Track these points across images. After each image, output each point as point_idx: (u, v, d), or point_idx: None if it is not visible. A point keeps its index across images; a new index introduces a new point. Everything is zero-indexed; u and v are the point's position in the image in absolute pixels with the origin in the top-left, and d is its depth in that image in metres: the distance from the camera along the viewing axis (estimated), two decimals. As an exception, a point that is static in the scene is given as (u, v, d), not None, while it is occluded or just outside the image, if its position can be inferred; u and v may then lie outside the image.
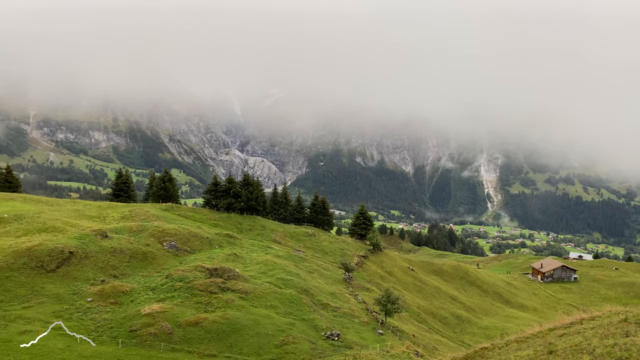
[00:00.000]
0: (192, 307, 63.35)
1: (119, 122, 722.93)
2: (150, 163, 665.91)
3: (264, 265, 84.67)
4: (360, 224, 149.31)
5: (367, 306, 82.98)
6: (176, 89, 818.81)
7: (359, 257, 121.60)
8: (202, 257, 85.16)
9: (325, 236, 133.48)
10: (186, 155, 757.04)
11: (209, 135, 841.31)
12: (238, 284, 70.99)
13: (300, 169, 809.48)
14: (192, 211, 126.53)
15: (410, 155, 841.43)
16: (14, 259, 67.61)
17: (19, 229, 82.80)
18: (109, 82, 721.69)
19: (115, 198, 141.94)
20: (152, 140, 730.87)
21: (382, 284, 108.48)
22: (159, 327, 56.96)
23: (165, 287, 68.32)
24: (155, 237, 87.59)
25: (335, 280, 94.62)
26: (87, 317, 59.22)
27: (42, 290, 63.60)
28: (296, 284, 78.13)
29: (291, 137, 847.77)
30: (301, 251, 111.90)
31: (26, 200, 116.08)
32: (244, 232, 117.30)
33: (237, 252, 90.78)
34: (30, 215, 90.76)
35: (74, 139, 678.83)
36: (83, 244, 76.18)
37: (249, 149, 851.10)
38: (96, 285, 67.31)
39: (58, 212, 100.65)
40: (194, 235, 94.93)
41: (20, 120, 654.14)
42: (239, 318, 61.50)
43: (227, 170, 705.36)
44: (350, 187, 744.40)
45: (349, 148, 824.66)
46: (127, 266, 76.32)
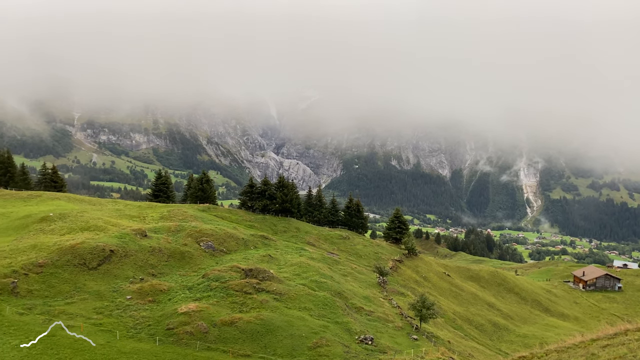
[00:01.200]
0: (228, 307, 64.17)
1: (159, 124, 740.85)
2: (188, 165, 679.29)
3: (298, 267, 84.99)
4: (395, 228, 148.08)
5: (401, 311, 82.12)
6: (214, 92, 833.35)
7: (394, 261, 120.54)
8: (237, 257, 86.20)
9: (360, 239, 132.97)
10: (223, 157, 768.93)
11: (246, 138, 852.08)
12: (272, 285, 71.50)
13: (334, 172, 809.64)
14: (229, 212, 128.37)
15: (447, 158, 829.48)
16: (58, 256, 70.15)
17: (63, 227, 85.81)
18: (150, 85, 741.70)
19: (154, 198, 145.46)
20: (191, 142, 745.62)
21: (417, 289, 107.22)
22: (195, 326, 57.93)
23: (202, 286, 69.46)
24: (193, 237, 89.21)
25: (369, 284, 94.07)
26: (126, 314, 60.79)
27: (84, 287, 65.72)
28: (330, 286, 78.08)
29: (326, 139, 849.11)
30: (335, 254, 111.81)
31: (70, 200, 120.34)
32: (279, 234, 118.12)
33: (272, 254, 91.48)
34: (74, 214, 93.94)
35: (116, 141, 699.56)
36: (123, 242, 78.34)
37: (284, 152, 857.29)
38: (135, 284, 69.06)
39: (100, 212, 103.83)
40: (230, 236, 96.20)
41: (65, 122, 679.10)
42: (273, 319, 61.90)
43: (262, 173, 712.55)
44: (385, 191, 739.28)
45: (384, 151, 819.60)
46: (165, 265, 78.00)
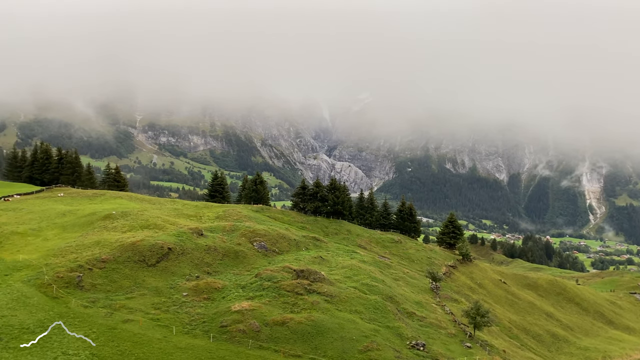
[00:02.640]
0: (279, 306, 64.94)
1: (215, 127, 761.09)
2: (243, 166, 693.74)
3: (349, 269, 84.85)
4: (449, 233, 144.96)
5: (454, 317, 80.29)
6: (269, 95, 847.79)
7: (447, 266, 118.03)
8: (289, 258, 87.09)
9: (412, 244, 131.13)
10: (276, 159, 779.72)
11: (298, 140, 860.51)
12: (323, 286, 71.72)
13: (387, 175, 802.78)
14: (281, 213, 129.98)
15: (504, 162, 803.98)
16: (119, 252, 73.41)
17: (124, 225, 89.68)
18: (208, 88, 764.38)
19: (210, 198, 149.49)
20: (246, 144, 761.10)
21: (471, 296, 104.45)
22: (248, 324, 59.00)
23: (255, 285, 70.65)
24: (247, 237, 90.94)
25: (422, 289, 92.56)
26: (182, 310, 62.74)
27: (143, 283, 68.40)
28: (381, 290, 77.45)
29: (379, 142, 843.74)
30: (387, 258, 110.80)
31: (132, 199, 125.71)
32: (330, 236, 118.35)
33: (323, 255, 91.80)
34: (134, 213, 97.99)
35: (175, 142, 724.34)
36: (181, 241, 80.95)
37: (337, 154, 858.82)
38: (191, 281, 71.18)
39: (159, 211, 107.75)
40: (282, 236, 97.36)
41: (128, 124, 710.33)
42: (324, 321, 62.06)
43: (314, 175, 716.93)
44: (439, 194, 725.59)
45: (438, 154, 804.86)
46: (220, 264, 79.94)
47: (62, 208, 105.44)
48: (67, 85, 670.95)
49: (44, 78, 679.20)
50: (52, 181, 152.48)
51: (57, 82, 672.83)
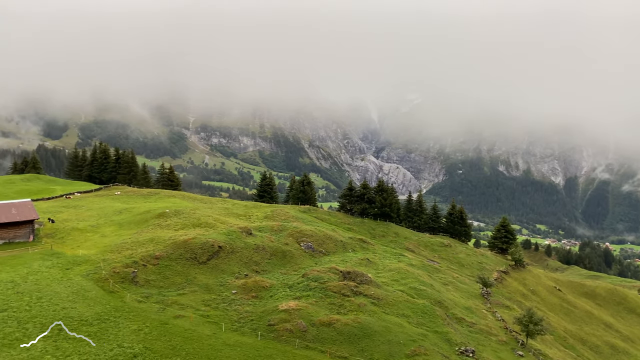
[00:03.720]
0: (326, 307, 65.00)
1: (265, 128, 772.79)
2: (290, 167, 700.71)
3: (396, 272, 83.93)
4: (501, 237, 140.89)
5: (506, 324, 77.86)
6: (317, 97, 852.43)
7: (499, 272, 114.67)
8: (336, 259, 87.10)
9: (462, 248, 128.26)
10: (324, 160, 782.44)
11: (346, 141, 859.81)
12: (370, 289, 71.25)
13: (436, 177, 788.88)
14: (328, 214, 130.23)
15: (560, 165, 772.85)
16: (172, 249, 75.67)
17: (177, 223, 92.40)
18: (258, 90, 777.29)
19: (259, 198, 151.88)
20: (294, 145, 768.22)
21: (524, 303, 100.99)
22: (295, 324, 59.38)
23: (301, 285, 71.06)
24: (294, 237, 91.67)
25: (472, 295, 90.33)
26: (231, 308, 63.89)
27: (194, 280, 70.20)
28: (429, 294, 76.15)
29: (428, 143, 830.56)
30: (435, 262, 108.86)
31: (184, 198, 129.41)
32: (377, 238, 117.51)
33: (370, 258, 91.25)
34: (187, 211, 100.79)
35: (226, 143, 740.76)
36: (230, 239, 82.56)
37: (384, 155, 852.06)
38: (240, 279, 72.43)
39: (210, 210, 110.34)
40: (329, 237, 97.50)
41: (181, 126, 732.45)
42: (371, 323, 61.63)
43: (361, 176, 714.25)
44: (491, 198, 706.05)
45: (491, 156, 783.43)
46: (268, 263, 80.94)
47: (119, 206, 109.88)
48: (124, 88, 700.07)
49: (103, 81, 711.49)
50: (109, 180, 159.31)
51: (115, 85, 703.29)
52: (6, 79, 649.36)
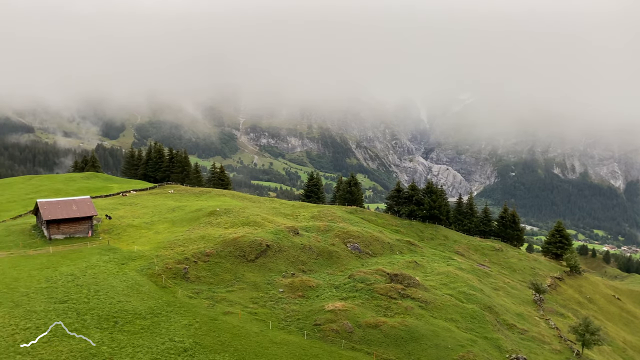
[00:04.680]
0: (372, 309, 64.65)
1: (312, 128, 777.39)
2: (337, 168, 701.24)
3: (445, 276, 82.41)
4: (555, 243, 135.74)
5: (560, 333, 74.95)
6: (365, 97, 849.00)
7: (553, 278, 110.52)
8: (382, 261, 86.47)
9: (514, 252, 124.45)
10: (371, 161, 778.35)
11: (394, 142, 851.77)
12: (418, 292, 70.29)
13: (488, 179, 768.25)
14: (375, 215, 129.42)
15: (621, 167, 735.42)
16: (222, 247, 77.38)
17: (227, 221, 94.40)
18: (307, 90, 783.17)
19: (306, 199, 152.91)
20: (341, 146, 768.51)
21: (580, 311, 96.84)
22: (341, 324, 59.39)
23: (348, 286, 70.99)
24: (340, 238, 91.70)
25: (523, 301, 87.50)
26: (278, 306, 64.64)
27: (243, 277, 71.51)
28: (479, 299, 74.32)
29: (479, 144, 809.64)
30: (486, 266, 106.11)
31: (234, 197, 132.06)
32: (425, 241, 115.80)
33: (418, 260, 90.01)
34: (236, 210, 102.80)
35: (274, 144, 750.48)
36: (278, 238, 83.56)
37: (434, 157, 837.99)
38: (287, 278, 73.17)
39: (258, 209, 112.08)
40: (376, 239, 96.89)
41: (232, 126, 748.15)
42: (418, 327, 60.80)
43: (410, 177, 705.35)
44: (545, 201, 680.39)
45: (545, 158, 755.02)
46: (314, 263, 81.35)
47: (172, 204, 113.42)
48: (178, 89, 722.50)
49: (157, 82, 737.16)
50: (163, 179, 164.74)
51: (169, 86, 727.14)
52: (69, 81, 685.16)
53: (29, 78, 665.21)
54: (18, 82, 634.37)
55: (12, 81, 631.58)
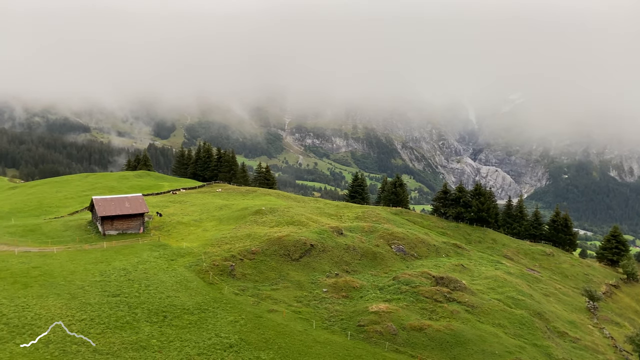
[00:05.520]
0: (417, 312, 63.87)
1: (357, 129, 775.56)
2: (382, 168, 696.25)
3: (493, 280, 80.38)
4: (611, 248, 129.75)
5: (615, 343, 71.64)
6: (411, 97, 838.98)
7: (608, 285, 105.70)
8: (428, 264, 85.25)
9: (566, 257, 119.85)
10: (417, 161, 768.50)
11: (441, 143, 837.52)
12: (464, 296, 68.88)
13: (539, 181, 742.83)
14: (420, 217, 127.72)
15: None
16: (267, 245, 78.40)
17: (272, 220, 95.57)
18: (352, 91, 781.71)
19: (350, 199, 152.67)
20: (386, 146, 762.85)
21: (637, 320, 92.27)
22: (385, 326, 58.98)
23: (392, 288, 70.41)
24: (385, 239, 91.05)
25: (576, 308, 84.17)
26: (322, 306, 64.88)
27: (287, 276, 72.21)
28: (528, 305, 72.07)
29: (530, 145, 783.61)
30: (536, 271, 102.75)
31: (279, 196, 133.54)
32: (473, 244, 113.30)
33: (465, 264, 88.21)
34: (281, 209, 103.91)
35: (319, 144, 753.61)
36: (322, 238, 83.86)
37: (482, 158, 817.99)
38: (331, 278, 73.32)
39: (303, 209, 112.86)
40: (421, 241, 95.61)
41: (277, 127, 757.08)
42: (464, 331, 59.58)
43: (457, 179, 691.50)
44: (600, 205, 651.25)
45: (601, 160, 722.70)
46: (358, 263, 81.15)
47: (219, 202, 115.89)
48: (226, 90, 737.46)
49: (206, 83, 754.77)
50: (211, 177, 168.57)
51: (217, 87, 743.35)
52: (123, 81, 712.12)
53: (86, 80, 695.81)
54: (76, 84, 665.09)
55: (70, 83, 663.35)
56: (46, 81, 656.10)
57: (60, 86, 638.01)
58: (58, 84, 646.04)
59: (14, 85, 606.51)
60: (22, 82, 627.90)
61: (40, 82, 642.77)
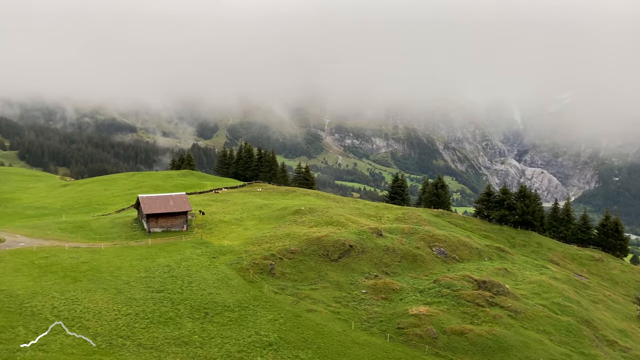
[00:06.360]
0: (458, 316, 62.68)
1: (398, 129, 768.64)
2: (423, 169, 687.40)
3: (537, 285, 77.96)
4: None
5: (670, 355, 68.04)
6: (454, 97, 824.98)
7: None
8: (470, 267, 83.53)
9: (617, 263, 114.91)
10: (459, 162, 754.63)
11: (484, 144, 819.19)
12: (507, 300, 67.10)
13: (587, 184, 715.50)
14: (463, 219, 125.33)
15: None
16: (306, 245, 78.73)
17: (311, 220, 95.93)
18: (392, 91, 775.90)
19: (390, 200, 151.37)
20: (427, 147, 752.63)
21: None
22: (425, 329, 58.16)
23: (433, 291, 69.36)
24: (425, 241, 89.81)
25: (627, 316, 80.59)
26: (361, 307, 64.60)
27: (326, 276, 72.29)
28: (575, 312, 69.48)
29: (578, 147, 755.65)
30: (584, 277, 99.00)
31: (318, 196, 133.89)
32: (517, 248, 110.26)
33: (508, 268, 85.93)
34: (320, 209, 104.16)
35: (359, 145, 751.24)
36: (361, 239, 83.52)
37: (527, 159, 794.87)
38: (370, 279, 72.90)
39: (342, 209, 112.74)
40: (463, 244, 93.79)
41: (317, 127, 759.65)
42: (507, 337, 58.04)
43: (501, 181, 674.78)
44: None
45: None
46: (398, 265, 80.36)
47: (260, 202, 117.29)
48: (267, 91, 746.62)
49: (248, 85, 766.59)
50: (252, 177, 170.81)
51: (258, 88, 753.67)
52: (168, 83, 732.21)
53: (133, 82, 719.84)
54: (123, 86, 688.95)
55: (118, 85, 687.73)
56: (95, 83, 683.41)
57: (108, 88, 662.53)
58: (106, 86, 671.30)
59: (66, 87, 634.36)
60: (73, 84, 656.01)
61: (89, 84, 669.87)
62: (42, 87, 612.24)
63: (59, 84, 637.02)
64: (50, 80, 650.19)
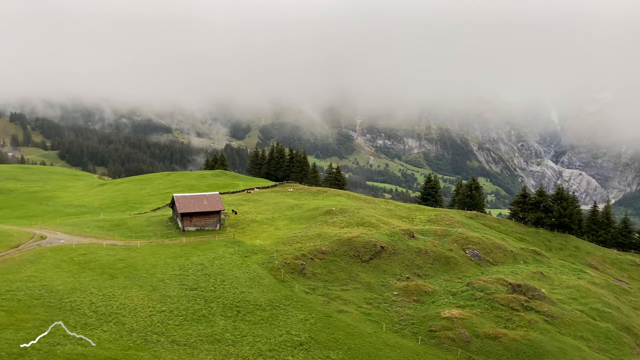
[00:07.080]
0: (492, 319, 61.51)
1: (431, 129, 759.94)
2: (457, 170, 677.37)
3: (575, 290, 75.77)
4: None
5: None
6: (489, 97, 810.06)
7: None
8: (504, 270, 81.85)
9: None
10: (494, 164, 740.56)
11: (520, 144, 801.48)
12: (543, 305, 65.45)
13: (628, 186, 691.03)
14: (497, 222, 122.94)
15: None
16: (337, 246, 78.70)
17: (342, 221, 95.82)
18: (425, 91, 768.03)
19: (423, 201, 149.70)
20: (461, 147, 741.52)
21: None
22: (457, 333, 57.30)
23: (466, 294, 68.30)
24: (459, 244, 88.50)
25: (671, 325, 77.33)
26: (392, 309, 64.13)
27: (357, 277, 72.08)
28: (615, 318, 67.22)
29: (619, 148, 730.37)
30: (624, 282, 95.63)
31: (349, 197, 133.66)
32: (553, 251, 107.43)
33: (544, 271, 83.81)
34: (351, 210, 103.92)
35: (391, 145, 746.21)
36: (392, 241, 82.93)
37: (565, 160, 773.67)
38: (402, 281, 72.32)
39: (373, 210, 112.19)
40: (498, 246, 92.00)
41: (349, 128, 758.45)
42: (543, 342, 56.61)
43: (537, 182, 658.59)
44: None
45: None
46: (430, 268, 79.44)
47: (291, 202, 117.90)
48: (298, 92, 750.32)
49: (279, 86, 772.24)
50: (284, 177, 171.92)
51: (290, 89, 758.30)
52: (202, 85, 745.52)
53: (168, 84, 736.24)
54: (158, 87, 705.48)
55: (153, 87, 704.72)
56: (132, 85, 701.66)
57: (144, 90, 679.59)
58: (142, 88, 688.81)
59: (104, 89, 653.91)
60: (111, 87, 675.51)
61: (127, 86, 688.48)
62: (82, 89, 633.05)
63: (98, 87, 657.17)
64: (89, 83, 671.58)
